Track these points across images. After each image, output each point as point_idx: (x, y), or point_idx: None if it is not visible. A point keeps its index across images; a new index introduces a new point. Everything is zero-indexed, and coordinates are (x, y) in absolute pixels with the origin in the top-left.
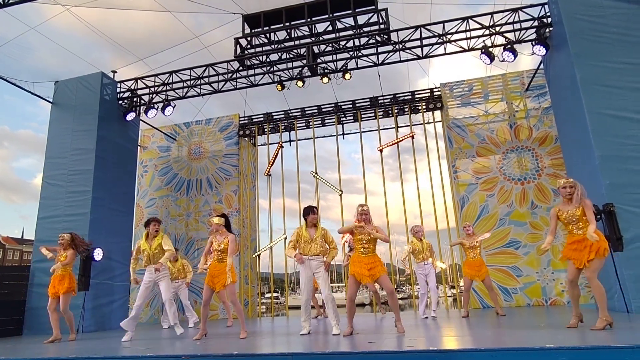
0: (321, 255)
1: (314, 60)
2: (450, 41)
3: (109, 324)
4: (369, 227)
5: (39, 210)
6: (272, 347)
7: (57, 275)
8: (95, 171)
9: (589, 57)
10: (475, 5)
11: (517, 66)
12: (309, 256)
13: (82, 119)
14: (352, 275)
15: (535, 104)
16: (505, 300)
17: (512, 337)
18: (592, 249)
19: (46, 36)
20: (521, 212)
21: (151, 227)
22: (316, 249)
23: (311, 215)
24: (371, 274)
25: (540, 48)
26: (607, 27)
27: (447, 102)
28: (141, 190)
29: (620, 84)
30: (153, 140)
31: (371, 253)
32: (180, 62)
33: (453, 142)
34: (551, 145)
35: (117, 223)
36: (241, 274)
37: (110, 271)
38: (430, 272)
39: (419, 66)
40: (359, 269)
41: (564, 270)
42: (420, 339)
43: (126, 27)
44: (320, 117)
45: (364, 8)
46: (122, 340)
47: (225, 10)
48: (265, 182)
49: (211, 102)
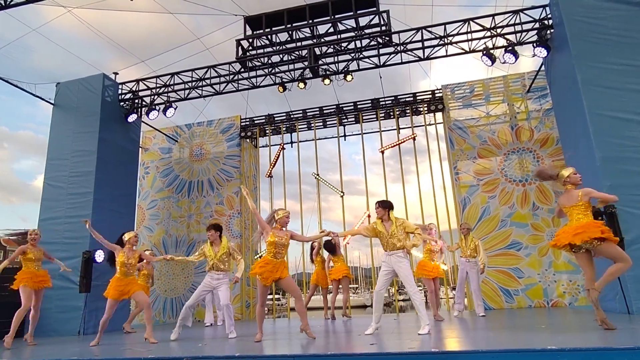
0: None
1: (315, 61)
2: (452, 43)
3: (109, 326)
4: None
5: (40, 211)
6: (273, 349)
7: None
8: (96, 173)
9: (590, 59)
10: (476, 7)
11: (518, 68)
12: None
13: (83, 120)
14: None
15: (536, 106)
16: (507, 301)
17: (514, 338)
18: (602, 228)
19: (48, 38)
20: (522, 213)
21: (208, 235)
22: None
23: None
24: (275, 277)
25: (542, 50)
26: (607, 29)
27: (449, 104)
28: (143, 192)
29: (620, 85)
30: (155, 142)
31: (282, 258)
32: (181, 64)
33: (454, 143)
34: (552, 147)
35: (118, 225)
36: (243, 276)
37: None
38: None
39: (421, 68)
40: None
41: (566, 272)
42: (421, 341)
43: (128, 28)
44: (322, 118)
45: (366, 10)
46: (171, 338)
47: (227, 12)
48: (267, 183)
49: (213, 104)
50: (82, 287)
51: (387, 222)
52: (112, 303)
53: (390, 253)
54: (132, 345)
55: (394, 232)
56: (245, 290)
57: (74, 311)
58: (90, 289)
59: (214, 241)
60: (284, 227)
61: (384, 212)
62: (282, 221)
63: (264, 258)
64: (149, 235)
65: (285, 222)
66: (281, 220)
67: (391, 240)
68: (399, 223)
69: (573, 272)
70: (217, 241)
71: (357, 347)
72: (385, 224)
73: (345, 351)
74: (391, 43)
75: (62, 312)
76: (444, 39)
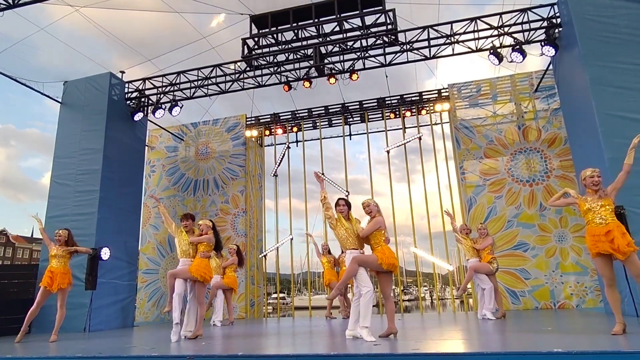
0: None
1: (321, 60)
2: (458, 42)
3: (115, 323)
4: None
5: (47, 209)
6: (277, 348)
7: (58, 269)
8: (103, 171)
9: (599, 58)
10: (483, 6)
11: (526, 67)
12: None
13: (90, 119)
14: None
15: (544, 105)
16: (513, 303)
17: (519, 340)
18: (626, 238)
19: (55, 36)
20: (529, 214)
21: (186, 223)
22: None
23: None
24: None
25: (550, 49)
26: (617, 28)
27: (455, 103)
28: (149, 190)
29: (630, 85)
30: (161, 141)
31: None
32: (187, 63)
33: (461, 143)
34: (560, 147)
35: (124, 223)
36: (247, 274)
37: (117, 270)
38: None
39: (427, 67)
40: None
41: (573, 273)
42: (426, 342)
43: (134, 27)
44: (327, 117)
45: (372, 9)
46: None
47: (233, 11)
48: (272, 182)
49: (218, 103)
50: (88, 284)
51: (347, 221)
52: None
53: (352, 250)
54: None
55: (355, 230)
56: (250, 289)
57: (79, 308)
58: (96, 287)
59: (189, 231)
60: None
61: (348, 211)
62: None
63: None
64: (155, 233)
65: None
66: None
67: (352, 238)
68: (356, 223)
69: (581, 274)
70: (191, 231)
71: (359, 347)
72: (349, 222)
73: (347, 352)
74: (397, 42)
75: (68, 309)
76: (450, 37)
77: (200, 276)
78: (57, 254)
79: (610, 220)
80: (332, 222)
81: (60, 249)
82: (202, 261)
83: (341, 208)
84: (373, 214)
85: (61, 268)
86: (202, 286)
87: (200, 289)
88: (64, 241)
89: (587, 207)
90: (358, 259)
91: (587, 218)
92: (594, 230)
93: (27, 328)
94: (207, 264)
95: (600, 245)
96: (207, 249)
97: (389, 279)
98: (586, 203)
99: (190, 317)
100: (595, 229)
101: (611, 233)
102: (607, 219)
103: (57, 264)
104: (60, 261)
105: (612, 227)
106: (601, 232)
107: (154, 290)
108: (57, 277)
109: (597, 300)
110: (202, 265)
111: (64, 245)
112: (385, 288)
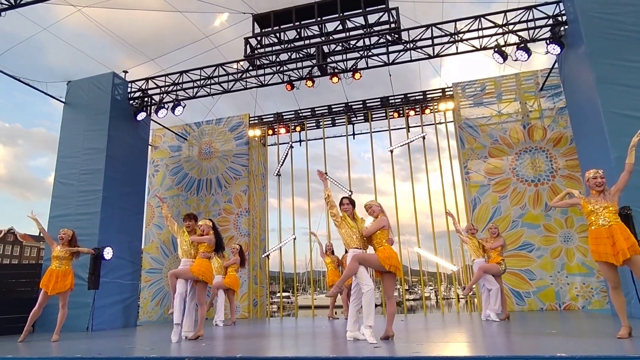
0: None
1: (323, 59)
2: (462, 40)
3: (118, 323)
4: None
5: (50, 208)
6: (277, 350)
7: (59, 271)
8: (106, 170)
9: (605, 56)
10: (489, 4)
11: (531, 65)
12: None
13: (93, 118)
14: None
15: (549, 104)
16: (518, 304)
17: (522, 343)
18: (628, 241)
19: (58, 36)
20: (535, 214)
21: (189, 224)
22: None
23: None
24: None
25: (555, 47)
26: (624, 25)
27: (459, 102)
28: (152, 190)
29: (637, 83)
30: (164, 140)
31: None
32: (190, 62)
33: (465, 142)
34: (566, 146)
35: (127, 222)
36: (250, 274)
37: (120, 270)
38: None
39: (431, 65)
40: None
41: (579, 274)
42: (427, 345)
43: (137, 27)
44: (331, 117)
45: (375, 7)
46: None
47: (236, 10)
48: (275, 181)
49: (221, 102)
50: (91, 283)
51: (352, 220)
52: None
53: (354, 249)
54: (140, 344)
55: (360, 229)
56: (253, 289)
57: (82, 308)
58: (99, 286)
59: (191, 231)
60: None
61: (352, 209)
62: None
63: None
64: (158, 232)
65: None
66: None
67: (356, 237)
68: (361, 222)
69: (586, 275)
70: (193, 232)
71: (360, 350)
72: (354, 221)
73: (348, 354)
74: (400, 40)
75: (70, 308)
76: (454, 36)
77: (201, 276)
78: (58, 255)
79: (614, 222)
80: (337, 220)
81: (62, 249)
82: (203, 261)
83: (345, 207)
84: (376, 215)
85: (61, 271)
86: (203, 286)
87: (201, 289)
88: (67, 240)
89: (590, 208)
90: (358, 256)
91: (590, 220)
92: (596, 233)
93: (31, 328)
94: (208, 264)
95: (602, 248)
96: (207, 249)
97: (392, 280)
98: (589, 204)
99: (188, 317)
100: (597, 231)
101: (613, 236)
102: (610, 220)
103: (58, 266)
104: (61, 263)
105: (615, 229)
106: (603, 235)
107: (157, 289)
108: (56, 279)
109: (604, 301)
110: (204, 266)
111: (66, 245)
112: (388, 289)
